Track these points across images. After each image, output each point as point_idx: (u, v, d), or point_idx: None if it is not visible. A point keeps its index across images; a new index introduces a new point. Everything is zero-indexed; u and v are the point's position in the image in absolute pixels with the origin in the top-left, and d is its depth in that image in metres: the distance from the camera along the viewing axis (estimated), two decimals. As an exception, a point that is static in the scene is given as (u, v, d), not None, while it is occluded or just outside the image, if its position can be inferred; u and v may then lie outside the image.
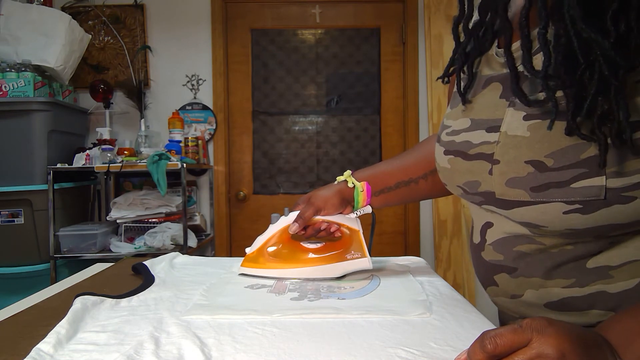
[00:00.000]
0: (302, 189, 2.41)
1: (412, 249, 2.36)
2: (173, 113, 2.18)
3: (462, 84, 0.56)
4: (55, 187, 1.90)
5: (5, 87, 1.86)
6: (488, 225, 0.55)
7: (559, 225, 0.45)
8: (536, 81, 0.45)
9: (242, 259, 0.76)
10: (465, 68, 0.56)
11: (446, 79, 0.63)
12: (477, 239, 0.58)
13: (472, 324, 0.53)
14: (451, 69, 0.60)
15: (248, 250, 0.76)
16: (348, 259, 0.73)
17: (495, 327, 0.36)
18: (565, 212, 0.44)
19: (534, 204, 0.46)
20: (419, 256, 1.60)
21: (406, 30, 2.36)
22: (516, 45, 0.48)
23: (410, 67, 2.35)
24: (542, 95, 0.45)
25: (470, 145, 0.53)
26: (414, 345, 0.46)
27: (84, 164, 1.92)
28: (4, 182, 1.85)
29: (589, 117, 0.40)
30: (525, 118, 0.46)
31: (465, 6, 0.54)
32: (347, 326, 0.52)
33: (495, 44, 0.55)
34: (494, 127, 0.50)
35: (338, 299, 0.63)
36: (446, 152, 0.59)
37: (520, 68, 0.47)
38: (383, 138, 2.41)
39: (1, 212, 1.85)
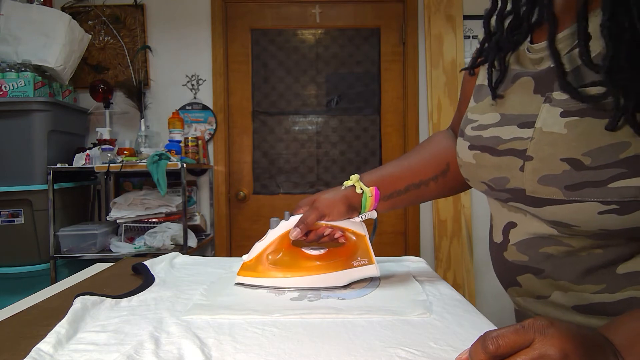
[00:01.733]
0: (302, 189, 2.41)
1: (412, 249, 2.36)
2: (173, 113, 2.18)
3: (493, 78, 0.55)
4: (55, 187, 1.90)
5: (5, 87, 1.86)
6: (511, 225, 0.54)
7: (592, 226, 0.44)
8: (581, 75, 0.44)
9: (242, 259, 0.72)
10: (496, 62, 0.55)
11: (471, 71, 0.61)
12: (498, 238, 0.57)
13: (472, 324, 0.53)
14: (478, 60, 0.58)
15: (245, 257, 0.69)
16: (354, 266, 0.68)
17: (495, 328, 0.36)
18: (600, 212, 0.42)
19: (568, 202, 0.44)
20: (419, 256, 1.60)
21: (406, 30, 2.36)
22: (559, 36, 0.47)
23: (410, 67, 2.35)
24: (592, 90, 0.43)
25: (500, 140, 0.52)
26: (414, 345, 0.46)
27: (84, 164, 1.92)
28: (4, 182, 1.85)
29: None
30: (563, 115, 0.44)
31: None
32: (347, 326, 0.52)
33: (529, 39, 0.53)
34: (527, 123, 0.48)
35: (338, 299, 0.63)
36: (471, 147, 0.57)
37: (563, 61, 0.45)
38: (383, 138, 2.41)
39: (1, 212, 1.85)
